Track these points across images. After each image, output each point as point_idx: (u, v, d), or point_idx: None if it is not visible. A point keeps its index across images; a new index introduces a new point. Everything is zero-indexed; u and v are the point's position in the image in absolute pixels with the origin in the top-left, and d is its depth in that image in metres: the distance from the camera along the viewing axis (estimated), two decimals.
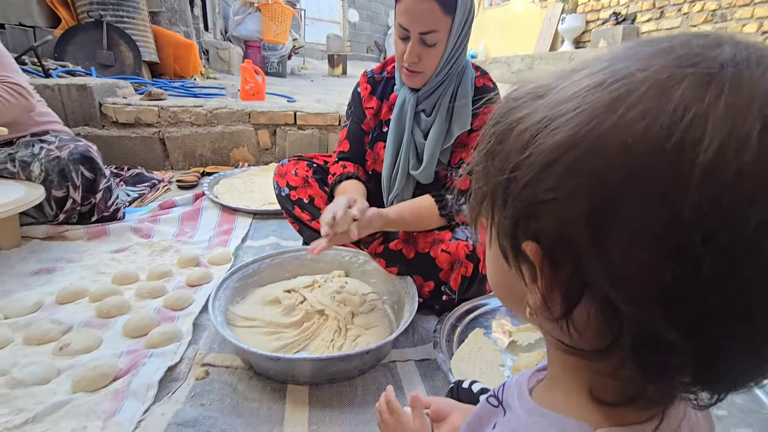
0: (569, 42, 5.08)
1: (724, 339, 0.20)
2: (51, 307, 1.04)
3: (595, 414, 0.26)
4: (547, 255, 0.24)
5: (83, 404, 0.75)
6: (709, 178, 0.18)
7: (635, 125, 0.20)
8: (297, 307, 0.99)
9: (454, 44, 0.95)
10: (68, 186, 1.35)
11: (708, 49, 0.21)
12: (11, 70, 1.38)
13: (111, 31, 2.77)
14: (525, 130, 0.24)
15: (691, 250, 0.19)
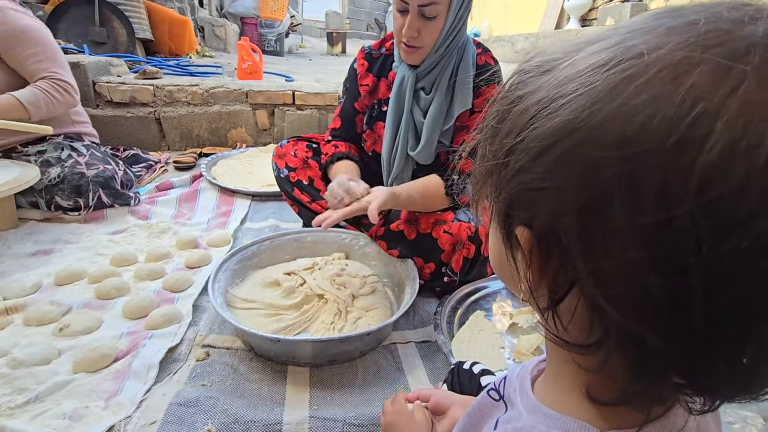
0: (575, 20, 4.95)
1: (711, 350, 0.19)
2: (50, 288, 1.04)
3: (597, 414, 0.25)
4: (537, 244, 0.23)
5: (85, 384, 0.76)
6: (709, 183, 0.17)
7: (636, 116, 0.18)
8: (297, 290, 0.98)
9: (455, 17, 0.92)
10: (79, 202, 1.36)
11: (739, 26, 0.18)
12: (60, 66, 1.41)
13: (103, 6, 2.69)
14: (525, 111, 0.22)
15: (682, 258, 0.17)
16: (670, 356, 0.20)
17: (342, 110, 1.17)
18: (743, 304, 0.18)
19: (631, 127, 0.18)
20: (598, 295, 0.20)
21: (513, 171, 0.23)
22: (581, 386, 0.26)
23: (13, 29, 1.33)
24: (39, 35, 1.39)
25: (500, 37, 6.11)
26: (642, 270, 0.18)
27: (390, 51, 1.10)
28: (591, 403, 0.25)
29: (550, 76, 0.22)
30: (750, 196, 0.16)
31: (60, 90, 1.38)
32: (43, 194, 1.34)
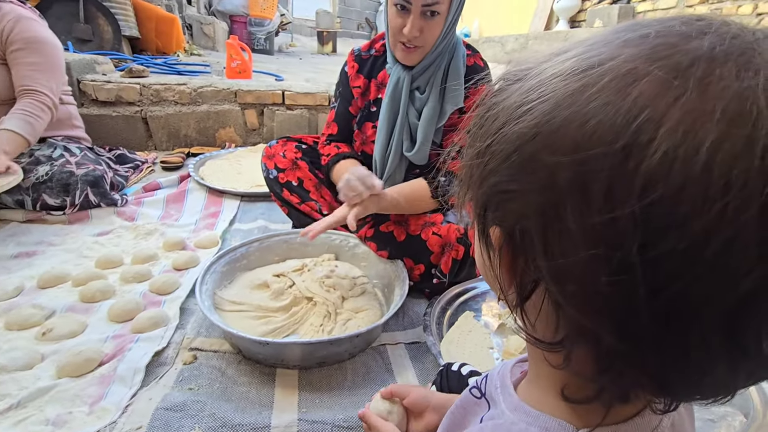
0: (564, 21, 5.01)
1: (660, 349, 0.20)
2: (32, 291, 1.02)
3: (574, 414, 0.26)
4: (505, 243, 0.24)
5: (68, 389, 0.74)
6: (650, 188, 0.18)
7: (588, 123, 0.19)
8: (286, 292, 0.98)
9: (454, 14, 0.92)
10: (66, 200, 1.35)
11: (686, 39, 0.19)
12: (53, 81, 1.42)
13: (88, 3, 2.64)
14: (496, 117, 0.24)
15: (627, 258, 0.18)
16: (624, 353, 0.21)
17: (337, 115, 1.15)
18: (683, 305, 0.19)
19: (583, 133, 0.19)
20: (556, 292, 0.21)
21: (485, 173, 0.24)
22: (557, 385, 0.27)
23: (29, 38, 1.37)
24: (49, 49, 1.42)
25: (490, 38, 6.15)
26: (592, 268, 0.19)
27: (380, 52, 1.10)
28: (565, 402, 0.26)
29: (521, 84, 0.24)
30: (686, 200, 0.17)
31: (43, 108, 1.38)
32: (31, 192, 1.32)
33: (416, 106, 1.03)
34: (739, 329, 0.19)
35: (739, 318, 0.19)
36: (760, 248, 0.17)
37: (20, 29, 1.34)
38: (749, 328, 0.19)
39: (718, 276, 0.18)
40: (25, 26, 1.35)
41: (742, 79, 0.18)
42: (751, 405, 0.73)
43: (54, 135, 1.51)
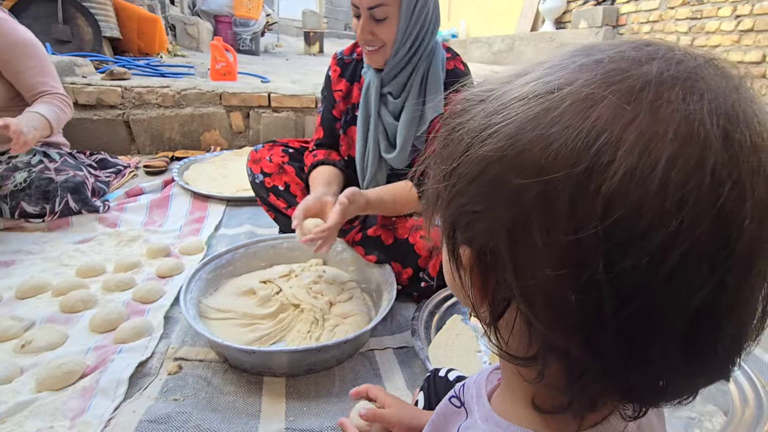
0: (550, 22, 5.07)
1: (625, 359, 0.21)
2: (10, 302, 0.99)
3: (542, 423, 0.27)
4: (476, 262, 0.24)
5: (49, 403, 0.73)
6: (612, 207, 0.18)
7: (551, 145, 0.20)
8: (273, 298, 0.97)
9: (409, 18, 0.93)
10: (46, 207, 1.32)
11: (637, 65, 0.21)
12: (57, 81, 1.45)
13: (67, 3, 2.58)
14: (461, 139, 0.24)
15: (592, 274, 0.19)
16: (592, 366, 0.21)
17: (322, 120, 1.16)
18: (646, 318, 0.19)
19: (546, 156, 0.20)
20: (526, 310, 0.22)
21: (453, 194, 0.24)
22: (527, 396, 0.27)
23: (14, 41, 1.34)
24: (38, 49, 1.41)
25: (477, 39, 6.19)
26: (560, 287, 0.20)
27: (361, 56, 1.10)
28: (536, 412, 0.27)
29: (484, 106, 0.24)
30: (645, 217, 0.18)
31: (67, 106, 1.43)
32: (8, 200, 1.28)
33: (390, 110, 1.04)
34: (695, 338, 0.20)
35: (695, 328, 0.20)
36: (712, 261, 0.18)
37: (3, 33, 1.31)
38: (704, 336, 0.20)
39: (676, 289, 0.19)
40: (6, 28, 1.32)
41: (689, 103, 0.19)
42: (731, 403, 0.75)
43: None
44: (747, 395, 0.75)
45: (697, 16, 3.63)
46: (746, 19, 3.24)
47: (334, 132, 1.15)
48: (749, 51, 3.26)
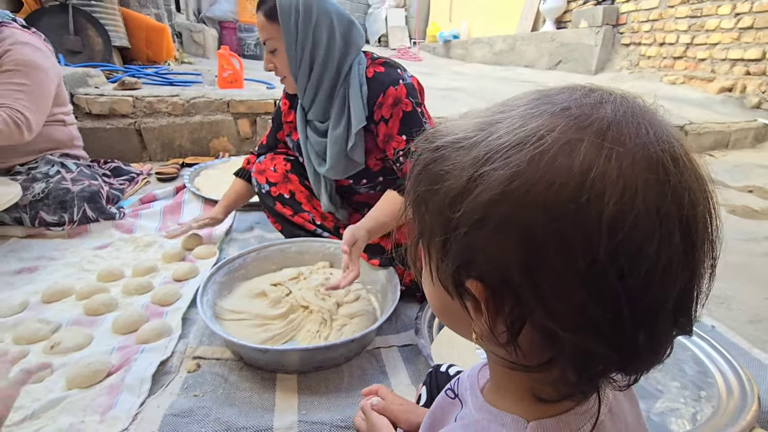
0: (551, 22, 5.09)
1: (638, 345, 0.26)
2: (37, 306, 1.05)
3: (528, 410, 0.31)
4: (491, 294, 0.27)
5: (79, 400, 0.78)
6: (615, 229, 0.23)
7: (554, 184, 0.24)
8: (283, 300, 1.02)
9: (293, 48, 1.03)
10: (64, 217, 1.38)
11: (596, 108, 0.25)
12: (33, 105, 1.36)
13: (77, 14, 2.66)
14: (454, 186, 0.27)
15: (610, 285, 0.23)
16: (611, 357, 0.26)
17: (268, 136, 1.34)
18: (652, 308, 0.24)
19: (551, 193, 0.24)
20: (552, 326, 0.25)
21: (459, 237, 0.27)
22: (523, 390, 0.32)
23: (20, 61, 1.36)
24: (38, 74, 1.39)
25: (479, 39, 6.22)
26: (581, 299, 0.24)
27: None
28: (532, 401, 0.31)
29: (470, 154, 0.27)
30: (640, 232, 0.23)
31: (8, 121, 1.30)
32: (28, 210, 1.34)
33: (316, 130, 1.14)
34: (680, 312, 0.26)
35: (679, 306, 0.25)
36: (685, 259, 0.24)
37: (14, 53, 1.35)
38: (684, 309, 0.26)
39: (667, 281, 0.24)
40: (19, 51, 1.37)
41: (641, 136, 0.24)
42: (717, 395, 0.79)
43: (53, 152, 1.54)
44: (732, 387, 0.79)
45: (696, 15, 3.63)
46: (746, 17, 3.25)
47: (273, 149, 1.34)
48: (749, 48, 3.27)
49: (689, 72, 3.74)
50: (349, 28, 1.06)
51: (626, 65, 4.30)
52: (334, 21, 1.03)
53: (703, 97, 3.42)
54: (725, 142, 2.97)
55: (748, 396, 0.76)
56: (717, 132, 2.90)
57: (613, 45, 4.45)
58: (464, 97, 3.24)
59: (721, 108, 3.24)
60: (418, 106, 1.05)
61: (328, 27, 1.02)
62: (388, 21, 8.20)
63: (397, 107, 1.03)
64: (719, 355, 0.89)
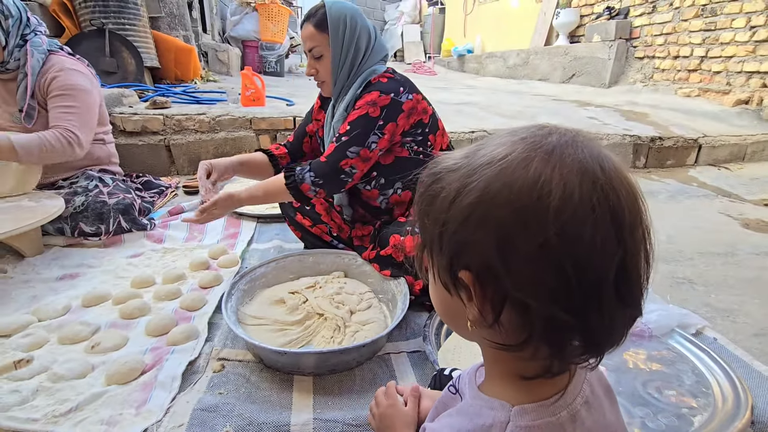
0: (564, 36, 5.14)
1: (591, 315, 0.32)
2: (78, 310, 1.15)
3: (514, 396, 0.37)
4: (477, 278, 0.34)
5: (117, 395, 0.87)
6: (559, 215, 0.30)
7: (514, 187, 0.32)
8: (300, 307, 1.10)
9: (339, 54, 1.16)
10: (101, 227, 1.50)
11: (545, 137, 0.34)
12: (82, 125, 1.51)
13: (113, 38, 2.85)
14: (447, 196, 0.35)
15: (559, 260, 0.31)
16: (570, 322, 0.32)
17: (298, 128, 1.43)
18: (594, 279, 0.31)
19: (514, 194, 0.32)
20: (523, 297, 0.32)
21: (450, 233, 0.35)
22: (509, 373, 0.38)
23: (66, 86, 1.51)
24: (84, 96, 1.54)
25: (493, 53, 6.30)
26: (541, 272, 0.31)
27: None
28: (517, 383, 0.37)
29: (458, 173, 0.36)
30: (578, 217, 0.30)
31: (62, 140, 1.44)
32: (69, 221, 1.47)
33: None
34: (620, 286, 0.31)
35: (618, 278, 0.31)
36: (617, 239, 0.31)
37: (61, 79, 1.50)
38: (624, 284, 0.32)
39: (604, 256, 0.31)
40: (66, 76, 1.51)
41: (578, 154, 0.33)
42: (712, 404, 0.82)
43: (92, 168, 1.68)
44: (727, 395, 0.82)
45: (710, 28, 3.63)
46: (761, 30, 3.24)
47: (300, 143, 1.41)
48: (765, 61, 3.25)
49: (704, 85, 3.73)
50: (380, 41, 1.22)
51: (640, 78, 4.30)
52: (371, 33, 1.19)
53: (718, 110, 3.40)
54: (741, 155, 2.95)
55: (742, 404, 0.79)
56: (732, 145, 2.89)
57: (626, 58, 4.46)
58: (477, 112, 3.30)
59: (737, 120, 3.22)
60: (384, 120, 1.10)
61: (367, 38, 1.18)
62: (404, 36, 8.38)
63: (368, 108, 1.12)
64: (718, 366, 0.91)
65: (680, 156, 2.85)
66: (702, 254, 1.63)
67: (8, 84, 1.52)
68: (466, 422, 0.38)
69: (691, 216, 2.04)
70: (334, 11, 1.13)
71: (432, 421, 0.44)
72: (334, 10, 1.13)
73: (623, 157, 2.76)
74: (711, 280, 1.43)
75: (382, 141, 1.12)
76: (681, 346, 1.00)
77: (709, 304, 1.29)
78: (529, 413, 0.36)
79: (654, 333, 1.03)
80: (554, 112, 3.33)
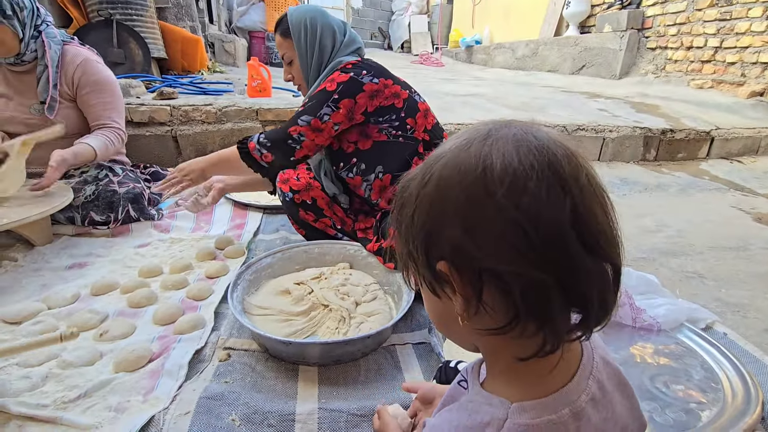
0: (574, 26, 5.05)
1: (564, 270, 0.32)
2: (87, 298, 1.17)
3: (515, 392, 0.37)
4: (452, 265, 0.35)
5: (125, 382, 0.88)
6: (503, 177, 0.33)
7: (461, 170, 0.35)
8: (305, 298, 1.10)
9: (305, 54, 1.23)
10: (111, 216, 1.52)
11: (483, 125, 0.37)
12: (120, 116, 1.65)
13: (121, 29, 2.85)
14: (410, 196, 0.38)
15: (513, 217, 0.32)
16: (551, 284, 0.32)
17: None
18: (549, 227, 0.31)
19: (461, 173, 0.34)
20: (494, 265, 0.32)
21: (417, 229, 0.37)
22: (510, 364, 0.38)
23: (97, 81, 1.57)
24: (114, 88, 1.62)
25: (501, 44, 6.21)
26: (503, 232, 0.32)
27: None
28: (518, 380, 0.37)
29: (418, 176, 0.38)
30: (520, 180, 0.32)
31: (119, 139, 1.62)
32: (80, 210, 1.48)
33: None
34: (582, 235, 0.32)
35: (577, 228, 0.32)
36: (563, 191, 0.32)
37: (89, 73, 1.54)
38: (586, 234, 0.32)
39: (553, 206, 0.32)
40: (93, 69, 1.55)
41: (510, 131, 0.35)
42: (722, 399, 0.81)
43: None
44: (737, 391, 0.81)
45: (726, 17, 3.55)
46: None
47: None
48: None
49: (718, 76, 3.64)
50: (351, 36, 1.26)
51: (652, 69, 4.22)
52: (336, 30, 1.24)
53: (732, 102, 3.32)
54: (755, 148, 2.89)
55: (753, 400, 0.78)
56: (746, 138, 2.83)
57: (638, 49, 4.37)
58: (485, 103, 3.27)
59: (752, 113, 3.15)
60: (339, 95, 1.13)
61: (332, 35, 1.23)
62: (411, 27, 8.29)
63: (327, 83, 1.16)
64: (728, 361, 0.90)
65: (692, 149, 2.80)
66: (713, 248, 1.60)
67: (24, 76, 1.52)
68: (465, 418, 0.38)
69: (703, 210, 2.01)
70: (294, 17, 1.21)
71: None
72: (294, 16, 1.21)
73: (633, 149, 2.72)
74: (722, 274, 1.41)
75: (337, 115, 1.14)
76: (690, 341, 0.98)
77: (719, 298, 1.27)
78: (528, 411, 0.35)
79: (662, 327, 1.01)
80: (563, 104, 3.29)
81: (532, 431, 0.34)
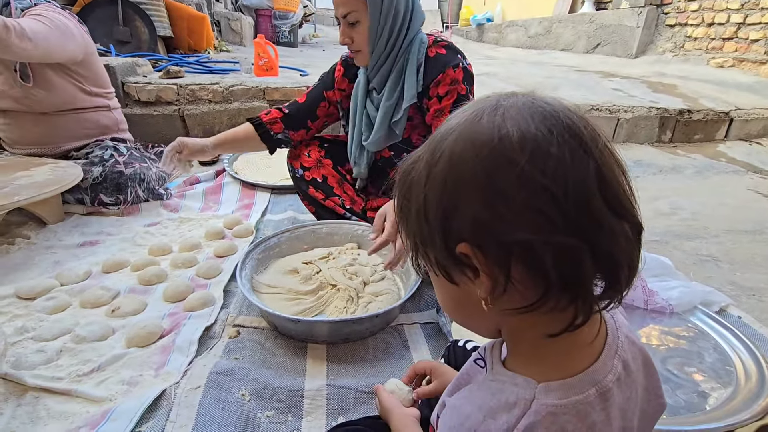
0: (590, 3, 4.87)
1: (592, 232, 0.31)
2: (98, 275, 1.18)
3: (540, 371, 0.35)
4: (475, 243, 0.33)
5: (137, 357, 0.89)
6: (523, 144, 0.31)
7: (476, 143, 0.33)
8: (313, 277, 1.10)
9: (378, 19, 1.06)
10: (119, 197, 1.51)
11: (486, 99, 0.36)
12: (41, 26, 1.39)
13: (126, 6, 2.80)
14: (419, 177, 0.36)
15: (538, 182, 0.31)
16: (581, 248, 0.30)
17: (311, 90, 1.33)
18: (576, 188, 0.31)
19: (477, 147, 0.33)
20: (522, 235, 0.31)
21: (432, 210, 0.34)
22: (537, 342, 0.36)
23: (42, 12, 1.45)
24: (58, 19, 1.46)
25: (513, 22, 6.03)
26: (527, 200, 0.31)
27: None
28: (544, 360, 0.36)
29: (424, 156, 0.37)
30: (542, 140, 0.31)
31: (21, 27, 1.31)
32: (89, 192, 1.49)
33: (375, 104, 1.17)
34: (609, 196, 0.31)
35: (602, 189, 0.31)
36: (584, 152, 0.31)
37: (39, 8, 1.46)
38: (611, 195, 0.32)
39: (577, 167, 0.31)
40: (42, 8, 1.46)
41: (518, 100, 0.34)
42: (735, 381, 0.80)
43: (104, 138, 1.68)
44: (751, 373, 0.80)
45: None
46: None
47: (312, 106, 1.31)
48: None
49: (740, 54, 3.50)
50: (418, 4, 1.14)
51: (670, 47, 4.07)
52: None
53: (753, 81, 3.20)
54: None
55: (767, 382, 0.77)
56: (767, 118, 2.73)
57: (656, 26, 4.21)
58: (497, 83, 3.19)
59: None
60: (470, 93, 1.11)
61: (405, 0, 1.09)
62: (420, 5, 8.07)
63: (454, 88, 1.09)
64: (742, 344, 0.89)
65: (709, 130, 2.71)
66: (728, 231, 1.56)
67: None
68: (488, 398, 0.36)
69: (719, 192, 1.96)
70: None
71: (451, 395, 0.43)
72: None
73: (648, 130, 2.65)
74: (737, 257, 1.38)
75: None
76: (703, 324, 0.97)
77: (734, 282, 1.25)
78: (555, 391, 0.34)
79: (675, 310, 1.00)
80: (577, 84, 3.20)
81: (560, 412, 0.33)
